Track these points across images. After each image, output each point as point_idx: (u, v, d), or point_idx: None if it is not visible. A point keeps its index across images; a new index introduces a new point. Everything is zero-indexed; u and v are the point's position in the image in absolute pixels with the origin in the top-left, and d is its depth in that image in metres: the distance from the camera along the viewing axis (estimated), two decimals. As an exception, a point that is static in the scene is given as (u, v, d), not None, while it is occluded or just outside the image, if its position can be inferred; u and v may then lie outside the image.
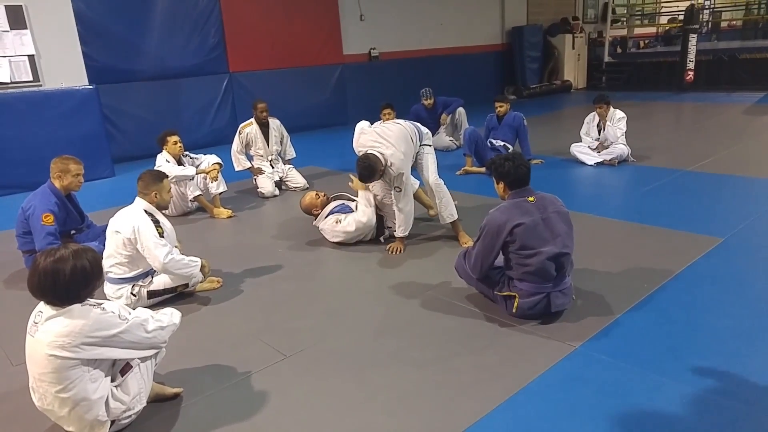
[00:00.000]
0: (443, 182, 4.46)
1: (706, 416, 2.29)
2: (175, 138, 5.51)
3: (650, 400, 2.41)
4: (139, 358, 2.42)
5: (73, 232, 4.33)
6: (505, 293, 3.17)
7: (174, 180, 5.41)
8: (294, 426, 2.41)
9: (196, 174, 5.58)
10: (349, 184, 4.71)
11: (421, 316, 3.31)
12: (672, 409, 2.35)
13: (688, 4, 13.96)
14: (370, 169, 4.06)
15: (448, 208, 4.43)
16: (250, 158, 6.51)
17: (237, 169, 6.43)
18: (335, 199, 4.83)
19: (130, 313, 2.37)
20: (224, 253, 4.55)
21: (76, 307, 2.21)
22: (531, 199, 3.12)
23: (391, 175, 4.17)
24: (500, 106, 6.89)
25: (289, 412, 2.50)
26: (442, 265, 3.99)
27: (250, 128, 6.34)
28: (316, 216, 4.70)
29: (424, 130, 4.53)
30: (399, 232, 4.33)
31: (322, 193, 4.80)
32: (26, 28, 6.94)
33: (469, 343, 2.96)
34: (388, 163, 4.11)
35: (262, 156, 6.43)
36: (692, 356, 2.71)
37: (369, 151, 4.15)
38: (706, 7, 13.61)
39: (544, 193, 3.21)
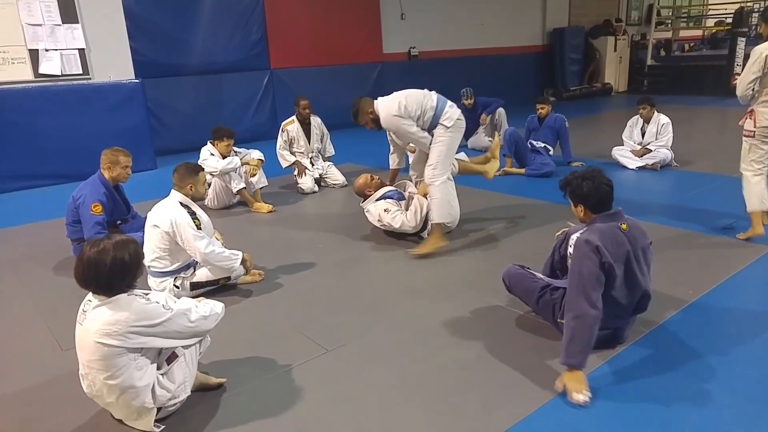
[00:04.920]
0: (445, 180, 4.24)
1: (755, 429, 2.23)
2: (230, 142, 5.55)
3: (697, 407, 2.37)
4: (182, 346, 2.46)
5: (119, 222, 4.43)
6: None
7: (219, 174, 5.50)
8: (335, 419, 2.43)
9: (241, 164, 5.63)
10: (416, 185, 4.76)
11: (462, 315, 3.30)
12: (719, 418, 2.29)
13: (736, 6, 13.60)
14: (354, 106, 4.39)
15: (436, 209, 4.25)
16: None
17: (284, 166, 6.48)
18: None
19: (175, 302, 2.43)
20: (265, 247, 4.61)
21: (123, 296, 2.27)
22: (624, 226, 2.64)
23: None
24: (541, 108, 6.87)
25: (331, 406, 2.52)
26: (483, 265, 3.98)
27: (291, 126, 6.41)
28: (367, 197, 4.72)
29: (447, 110, 4.27)
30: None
31: (377, 176, 4.82)
32: (78, 22, 7.12)
33: (511, 344, 2.94)
34: (377, 110, 4.33)
35: (302, 153, 6.49)
36: (740, 365, 2.65)
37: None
38: (756, 10, 13.19)
39: (634, 220, 2.76)
